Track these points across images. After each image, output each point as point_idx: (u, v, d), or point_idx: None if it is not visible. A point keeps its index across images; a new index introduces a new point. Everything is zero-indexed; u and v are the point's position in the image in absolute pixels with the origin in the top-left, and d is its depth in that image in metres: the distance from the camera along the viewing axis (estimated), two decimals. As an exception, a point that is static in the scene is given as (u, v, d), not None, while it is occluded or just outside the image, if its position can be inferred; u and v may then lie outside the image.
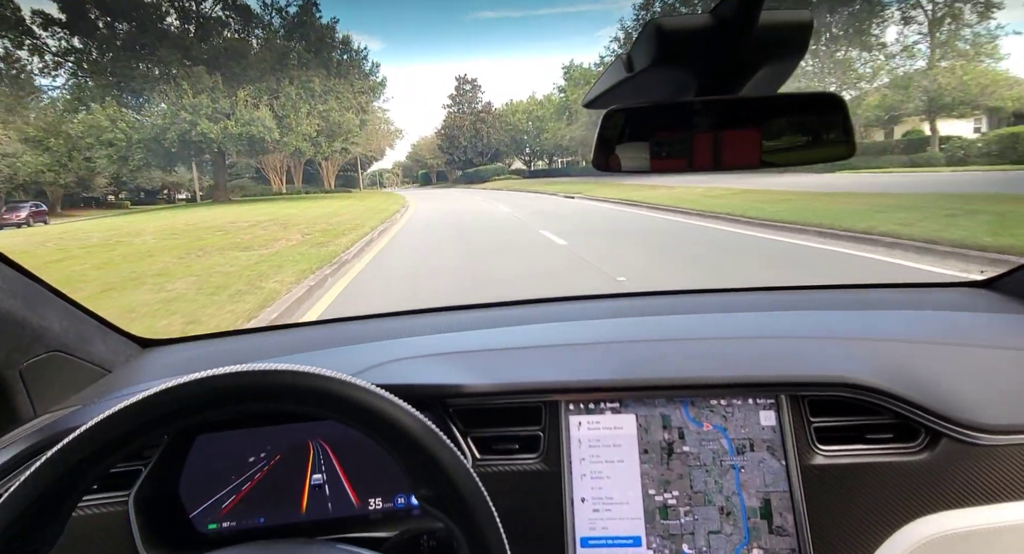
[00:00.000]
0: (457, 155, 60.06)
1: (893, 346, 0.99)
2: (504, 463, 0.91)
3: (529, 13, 78.85)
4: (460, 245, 10.21)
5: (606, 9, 77.03)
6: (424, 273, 7.57)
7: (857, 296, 1.39)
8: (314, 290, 6.44)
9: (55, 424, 0.92)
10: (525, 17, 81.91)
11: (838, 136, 0.62)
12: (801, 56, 0.57)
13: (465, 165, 59.96)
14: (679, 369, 0.93)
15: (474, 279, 6.87)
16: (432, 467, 0.60)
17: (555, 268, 7.26)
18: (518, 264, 7.78)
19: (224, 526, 0.91)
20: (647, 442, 0.90)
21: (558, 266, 7.41)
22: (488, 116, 59.86)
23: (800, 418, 0.90)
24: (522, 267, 7.53)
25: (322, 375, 0.60)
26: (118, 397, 0.84)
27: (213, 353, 1.26)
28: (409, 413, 0.61)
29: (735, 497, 0.87)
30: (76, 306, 1.09)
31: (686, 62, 0.57)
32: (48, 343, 1.00)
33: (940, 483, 0.86)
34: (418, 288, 6.59)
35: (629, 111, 0.61)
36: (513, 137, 58.49)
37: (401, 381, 0.93)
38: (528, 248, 9.31)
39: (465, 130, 59.20)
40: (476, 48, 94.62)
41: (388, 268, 8.08)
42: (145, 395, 0.58)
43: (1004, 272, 1.30)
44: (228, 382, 0.59)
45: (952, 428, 0.86)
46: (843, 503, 0.86)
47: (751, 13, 0.52)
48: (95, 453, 0.56)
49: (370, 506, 0.93)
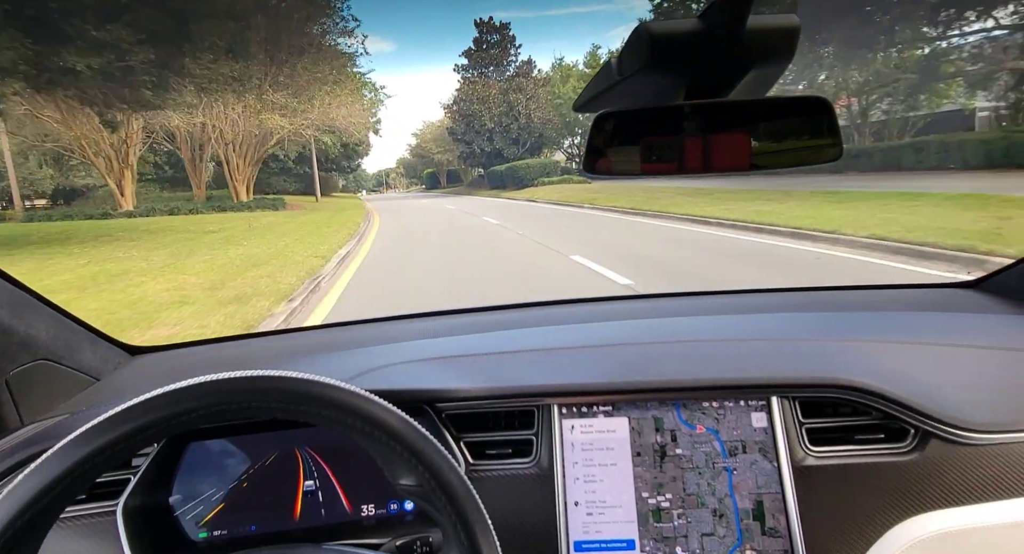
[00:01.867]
0: (478, 144, 37.20)
1: (882, 347, 1.00)
2: (497, 468, 0.91)
3: (540, 13, 77.88)
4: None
5: (616, 9, 76.02)
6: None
7: (845, 297, 1.40)
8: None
9: (42, 433, 0.91)
10: (537, 18, 79.77)
11: (826, 138, 0.62)
12: (789, 60, 0.58)
13: (491, 159, 37.21)
14: (671, 372, 0.94)
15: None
16: (410, 457, 0.61)
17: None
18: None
19: (215, 534, 0.90)
20: (640, 445, 0.90)
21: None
22: (528, 83, 37.18)
23: (791, 419, 0.90)
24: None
25: (314, 381, 0.61)
26: (106, 405, 0.83)
27: (203, 360, 1.25)
28: (398, 416, 0.62)
29: (728, 499, 0.87)
30: (64, 314, 1.08)
31: (675, 66, 0.58)
32: (35, 351, 0.99)
33: (930, 482, 0.87)
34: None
35: (619, 115, 0.62)
36: (564, 117, 35.83)
37: (393, 386, 0.93)
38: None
39: (491, 105, 36.68)
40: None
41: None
42: (134, 402, 0.57)
43: (991, 273, 1.31)
44: (222, 388, 0.59)
45: (940, 428, 0.87)
46: (835, 504, 0.87)
47: (739, 18, 0.53)
48: (83, 462, 0.56)
49: (363, 512, 0.93)
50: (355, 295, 6.38)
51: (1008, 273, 1.27)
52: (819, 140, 0.62)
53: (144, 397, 0.58)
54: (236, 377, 0.60)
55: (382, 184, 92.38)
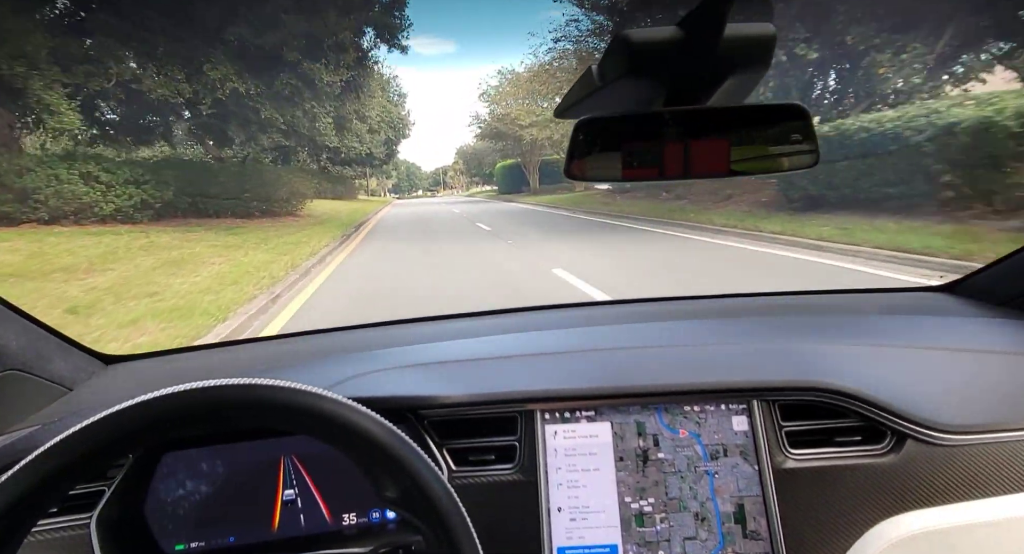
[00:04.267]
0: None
1: (859, 350, 1.02)
2: (480, 474, 0.90)
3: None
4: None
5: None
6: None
7: (821, 301, 1.42)
8: None
9: (13, 445, 0.89)
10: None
11: (803, 145, 0.63)
12: (766, 68, 0.59)
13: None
14: (653, 376, 0.94)
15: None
16: (392, 465, 0.60)
17: None
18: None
19: (192, 546, 0.89)
20: (622, 450, 0.91)
21: None
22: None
23: (771, 423, 0.91)
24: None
25: (294, 389, 0.60)
26: (79, 415, 0.82)
27: (179, 369, 1.23)
28: (361, 412, 0.62)
29: (709, 503, 0.88)
30: (35, 322, 1.06)
31: (655, 73, 0.58)
32: (4, 361, 0.96)
33: (907, 483, 0.88)
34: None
35: (600, 121, 0.62)
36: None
37: (375, 393, 0.92)
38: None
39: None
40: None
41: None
42: (109, 412, 0.56)
43: (962, 276, 1.34)
44: (197, 398, 0.58)
45: (915, 429, 0.89)
46: (814, 506, 0.88)
47: (717, 26, 0.54)
48: (55, 474, 0.54)
49: (344, 522, 0.92)
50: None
51: (979, 276, 1.30)
52: (796, 146, 0.64)
53: (116, 409, 0.57)
54: (213, 386, 0.59)
55: (439, 184, 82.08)
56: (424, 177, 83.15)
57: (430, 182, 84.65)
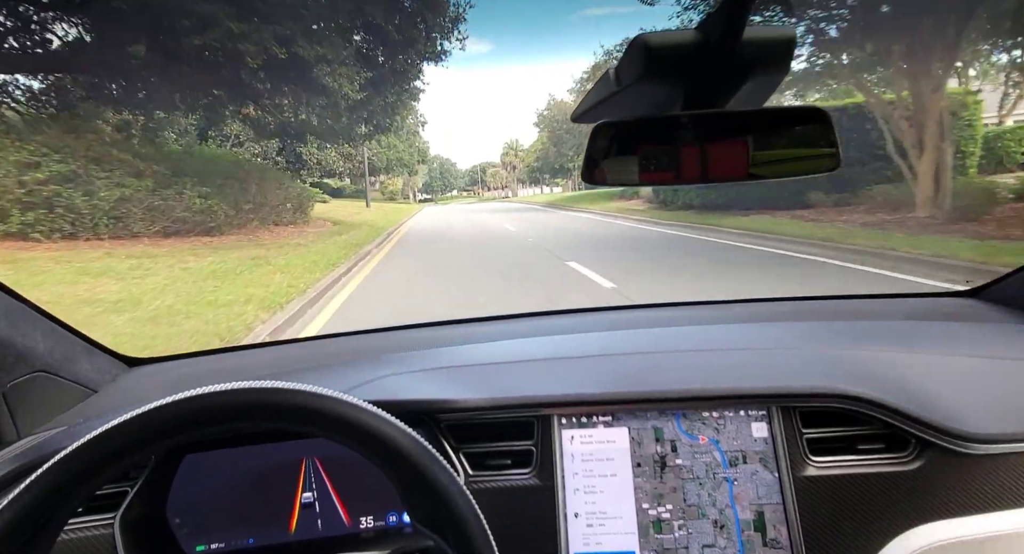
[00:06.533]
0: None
1: (882, 356, 1.00)
2: (497, 479, 0.90)
3: (639, 8, 75.42)
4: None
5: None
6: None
7: (843, 306, 1.40)
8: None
9: (39, 446, 0.91)
10: (634, 12, 72.49)
11: (824, 149, 0.63)
12: (785, 71, 0.58)
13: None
14: (671, 381, 0.93)
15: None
16: (427, 487, 0.60)
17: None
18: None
19: (212, 547, 0.90)
20: (640, 455, 0.90)
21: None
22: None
23: (792, 430, 0.90)
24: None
25: (315, 393, 0.60)
26: (104, 417, 0.83)
27: (202, 371, 1.25)
28: (404, 432, 0.61)
29: (729, 510, 0.87)
30: (61, 325, 1.08)
31: (672, 77, 0.58)
32: (32, 363, 0.98)
33: (931, 493, 0.86)
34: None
35: (617, 125, 0.62)
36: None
37: (392, 397, 0.92)
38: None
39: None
40: (582, 47, 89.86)
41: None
42: (133, 414, 0.57)
43: (989, 281, 1.32)
44: (218, 400, 0.58)
45: (940, 437, 0.87)
46: (836, 514, 0.86)
47: (736, 29, 0.53)
48: (80, 475, 0.55)
49: (361, 525, 0.92)
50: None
51: (1007, 282, 1.27)
52: (816, 150, 0.63)
53: (137, 411, 0.57)
54: (236, 389, 0.59)
55: (476, 182, 75.12)
56: (460, 175, 76.73)
57: (467, 181, 78.49)
